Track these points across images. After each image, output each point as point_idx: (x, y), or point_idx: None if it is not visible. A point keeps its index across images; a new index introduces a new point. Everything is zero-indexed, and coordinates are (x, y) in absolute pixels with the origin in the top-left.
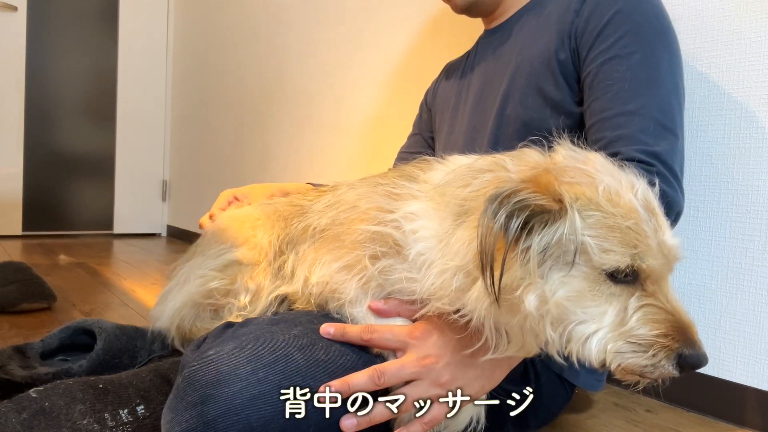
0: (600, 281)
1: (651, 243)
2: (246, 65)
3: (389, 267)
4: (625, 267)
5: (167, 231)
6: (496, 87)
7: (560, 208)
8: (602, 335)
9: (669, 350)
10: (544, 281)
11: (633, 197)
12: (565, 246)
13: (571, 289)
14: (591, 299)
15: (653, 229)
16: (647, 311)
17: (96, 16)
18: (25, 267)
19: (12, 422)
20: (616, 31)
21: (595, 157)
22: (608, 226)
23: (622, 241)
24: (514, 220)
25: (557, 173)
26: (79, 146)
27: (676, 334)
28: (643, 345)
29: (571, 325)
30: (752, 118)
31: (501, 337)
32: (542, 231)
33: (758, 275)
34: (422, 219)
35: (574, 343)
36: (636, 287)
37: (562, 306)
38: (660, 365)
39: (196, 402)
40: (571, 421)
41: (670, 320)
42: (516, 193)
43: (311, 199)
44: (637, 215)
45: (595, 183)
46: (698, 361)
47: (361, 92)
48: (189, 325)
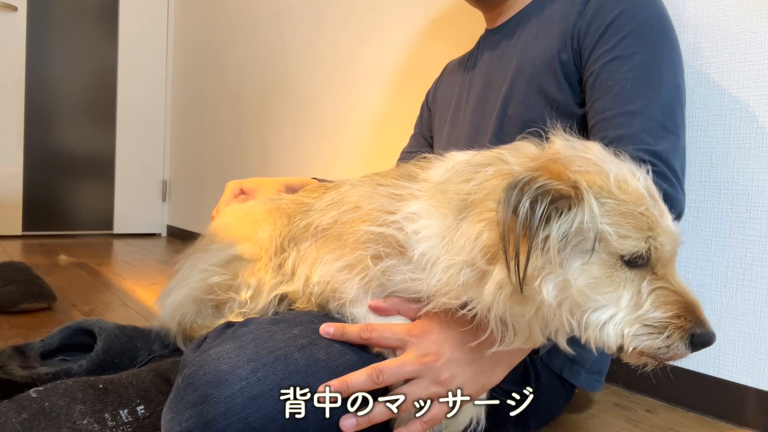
0: (617, 267)
1: (662, 227)
2: (246, 65)
3: (392, 268)
4: (641, 251)
5: (167, 231)
6: (498, 87)
7: (576, 194)
8: (619, 320)
9: (682, 331)
10: (564, 270)
11: (638, 184)
12: (585, 233)
13: (590, 276)
14: (608, 285)
15: (659, 214)
16: (659, 294)
17: (96, 16)
18: (25, 267)
19: (12, 422)
20: (619, 32)
21: (593, 146)
22: (621, 212)
23: (636, 226)
24: (538, 206)
25: (565, 162)
26: (79, 146)
27: (687, 315)
28: (658, 327)
29: (588, 312)
30: (752, 118)
31: (507, 330)
32: (560, 219)
33: (758, 275)
34: (424, 218)
35: (591, 329)
36: (647, 271)
37: (581, 292)
38: (674, 346)
39: (196, 401)
40: (571, 421)
41: (681, 301)
42: (535, 180)
43: (315, 197)
44: (646, 201)
45: (604, 171)
46: (709, 338)
47: (362, 92)
48: (190, 322)
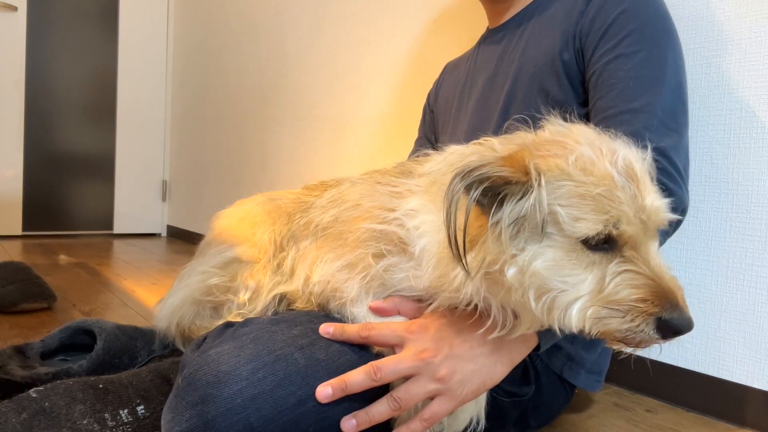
0: (577, 250)
1: (625, 209)
2: (246, 65)
3: (394, 265)
4: (595, 234)
5: (167, 231)
6: (500, 87)
7: (527, 180)
8: (582, 303)
9: (647, 315)
10: (522, 253)
11: (608, 165)
12: (536, 217)
13: (547, 258)
14: (570, 268)
15: (631, 195)
16: (626, 277)
17: (96, 16)
18: (25, 267)
19: (12, 422)
20: (621, 31)
21: (577, 129)
22: (579, 194)
23: (594, 208)
24: (472, 191)
25: (533, 148)
26: (79, 146)
27: (655, 299)
28: (621, 310)
29: (552, 294)
30: (752, 118)
31: (508, 316)
32: (512, 204)
33: (758, 275)
34: (422, 214)
35: (555, 311)
36: (615, 254)
37: (540, 276)
38: (639, 330)
39: (196, 402)
40: (571, 421)
41: (650, 285)
42: (479, 168)
43: (315, 195)
44: (610, 182)
45: (567, 154)
46: (680, 325)
47: (362, 92)
48: (188, 323)
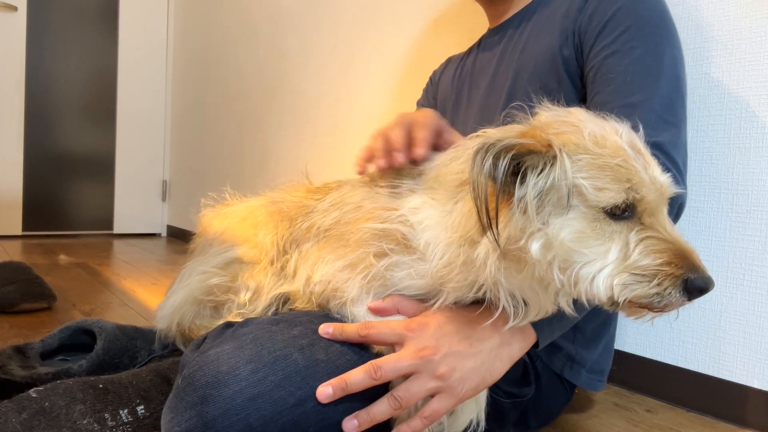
0: (600, 220)
1: (643, 176)
2: (246, 65)
3: (396, 263)
4: (621, 202)
5: (167, 231)
6: (501, 85)
7: (548, 151)
8: (608, 272)
9: (674, 277)
10: (547, 227)
11: (618, 138)
12: (561, 189)
13: (573, 230)
14: (594, 238)
15: (642, 165)
16: (648, 243)
17: (96, 16)
18: (25, 267)
19: (12, 422)
20: (619, 26)
21: (576, 111)
22: (598, 166)
23: (614, 178)
24: (501, 161)
25: (543, 127)
26: (79, 146)
27: (679, 261)
28: (648, 275)
29: (577, 266)
30: (752, 118)
31: (518, 303)
32: (536, 177)
33: (758, 275)
34: (425, 210)
35: (581, 283)
36: (635, 222)
37: (566, 248)
38: (667, 293)
39: (196, 402)
40: (571, 421)
41: (672, 249)
42: (501, 140)
43: (317, 199)
44: (624, 153)
45: (579, 130)
46: (704, 283)
47: (361, 92)
48: (188, 323)
